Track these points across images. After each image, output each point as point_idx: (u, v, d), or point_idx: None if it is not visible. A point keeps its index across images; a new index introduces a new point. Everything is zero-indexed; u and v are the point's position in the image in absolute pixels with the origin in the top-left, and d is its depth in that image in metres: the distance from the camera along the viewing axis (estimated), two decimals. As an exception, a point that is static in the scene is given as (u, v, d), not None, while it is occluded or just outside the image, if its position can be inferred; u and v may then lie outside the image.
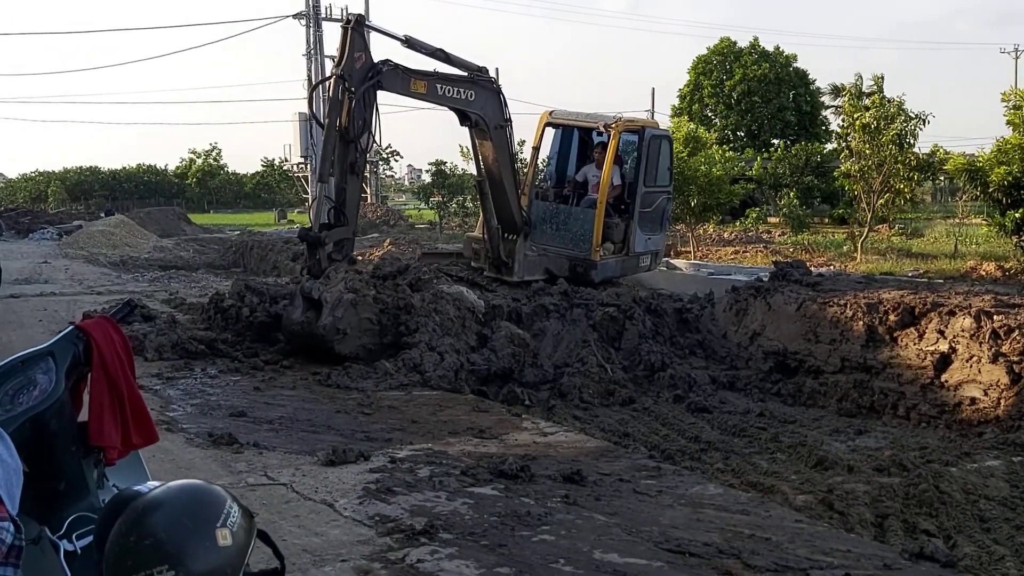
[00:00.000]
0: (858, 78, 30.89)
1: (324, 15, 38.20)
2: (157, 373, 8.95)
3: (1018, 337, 8.64)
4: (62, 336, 2.68)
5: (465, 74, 11.67)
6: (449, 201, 39.47)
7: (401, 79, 11.05)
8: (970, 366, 8.87)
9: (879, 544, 5.19)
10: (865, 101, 22.68)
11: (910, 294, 10.20)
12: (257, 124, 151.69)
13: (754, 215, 30.03)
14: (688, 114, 47.01)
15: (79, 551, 2.42)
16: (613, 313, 11.14)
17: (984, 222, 20.50)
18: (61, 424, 2.57)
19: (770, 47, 49.98)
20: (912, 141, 19.45)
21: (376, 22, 11.47)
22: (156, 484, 1.84)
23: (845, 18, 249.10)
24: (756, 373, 10.45)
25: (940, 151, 21.92)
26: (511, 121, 12.13)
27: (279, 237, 25.63)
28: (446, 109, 11.96)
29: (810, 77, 49.57)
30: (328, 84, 10.98)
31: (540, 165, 15.19)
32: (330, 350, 9.51)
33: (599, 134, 13.34)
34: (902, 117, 19.24)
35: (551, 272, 12.60)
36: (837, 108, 42.11)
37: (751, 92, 48.25)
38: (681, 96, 51.72)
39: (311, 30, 38.04)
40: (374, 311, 9.82)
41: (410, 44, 11.14)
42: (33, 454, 2.44)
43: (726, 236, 28.44)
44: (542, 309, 11.05)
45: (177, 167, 75.27)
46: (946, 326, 9.24)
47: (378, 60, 10.92)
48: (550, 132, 13.96)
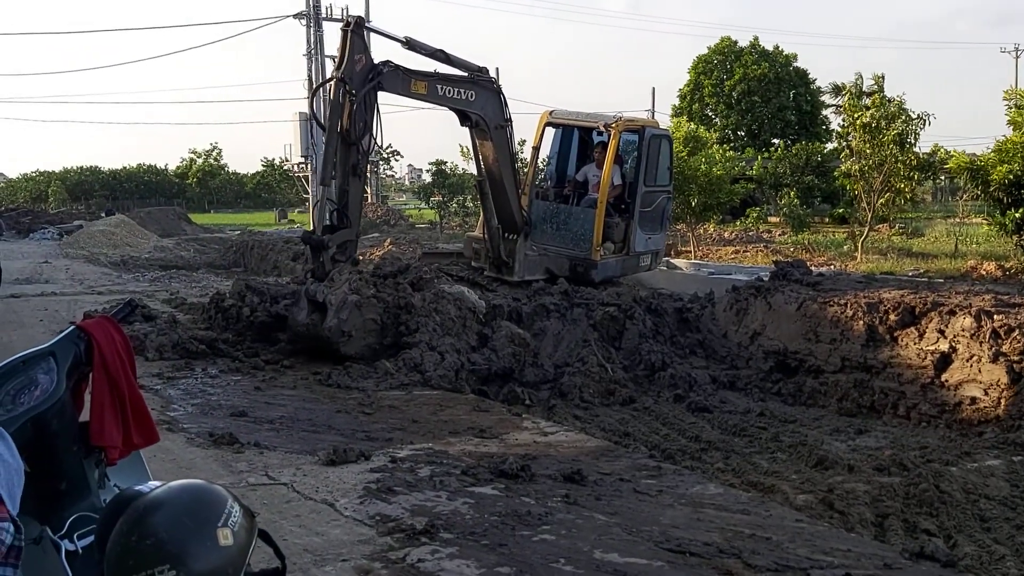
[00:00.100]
0: (858, 77, 30.87)
1: (324, 15, 38.09)
2: (158, 373, 8.96)
3: (1018, 336, 8.64)
4: (63, 336, 2.69)
5: (465, 74, 11.68)
6: (449, 201, 39.51)
7: (402, 80, 11.05)
8: (970, 366, 8.86)
9: (879, 544, 5.19)
10: (866, 101, 22.65)
11: (910, 294, 10.20)
12: (257, 124, 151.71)
13: (754, 215, 30.02)
14: (688, 114, 47.05)
15: (80, 551, 2.42)
16: (613, 313, 11.14)
17: (985, 221, 20.48)
18: (62, 424, 2.58)
19: (770, 47, 50.08)
20: (913, 141, 19.46)
21: (376, 23, 11.52)
22: (157, 484, 1.85)
23: (845, 17, 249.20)
24: (756, 373, 10.45)
25: (941, 151, 21.92)
26: (511, 121, 12.14)
27: (280, 237, 25.64)
28: (446, 109, 11.97)
29: (810, 76, 49.65)
30: (329, 87, 10.97)
31: (540, 165, 15.20)
32: (336, 352, 9.54)
33: (599, 134, 13.35)
34: (903, 117, 19.24)
35: (551, 272, 12.61)
36: (838, 107, 42.08)
37: (751, 92, 48.25)
38: (681, 96, 51.75)
39: (311, 30, 37.94)
40: (378, 311, 9.84)
41: (410, 45, 11.14)
42: (34, 454, 2.44)
43: (726, 236, 28.45)
44: (542, 309, 11.06)
45: (177, 167, 75.33)
46: (946, 326, 9.23)
47: (378, 61, 10.93)
48: (550, 132, 13.97)
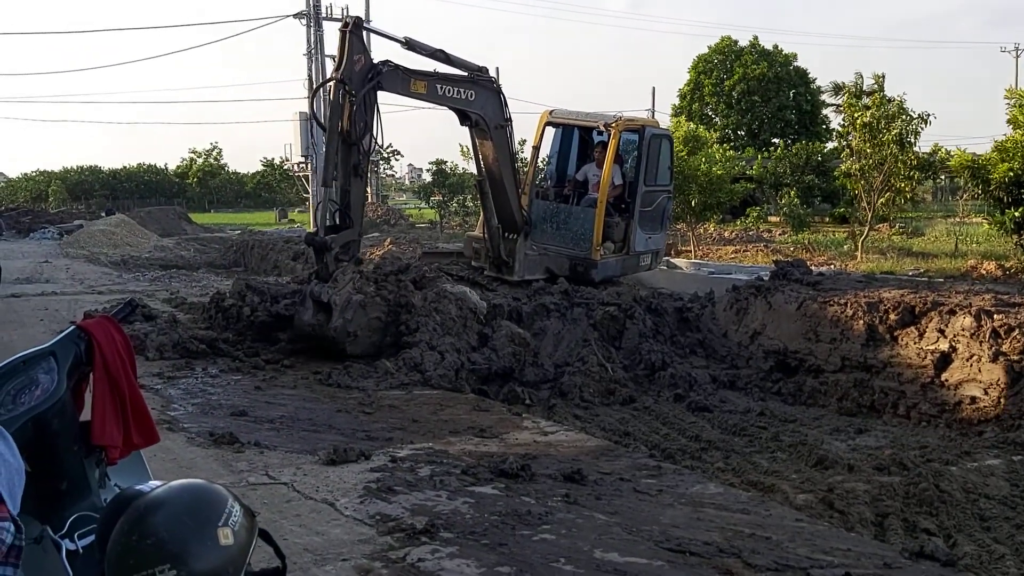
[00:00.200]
0: (858, 77, 30.82)
1: (325, 14, 38.10)
2: (158, 372, 8.96)
3: (1018, 336, 8.64)
4: (64, 336, 2.69)
5: (465, 74, 11.68)
6: (449, 200, 39.50)
7: (401, 79, 11.04)
8: (970, 365, 8.86)
9: (879, 543, 5.19)
10: (865, 100, 22.63)
11: (910, 293, 10.20)
12: (257, 124, 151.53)
13: (754, 214, 30.02)
14: (688, 113, 47.05)
15: (81, 550, 2.42)
16: (614, 312, 11.14)
17: (985, 221, 20.48)
18: (63, 424, 2.58)
19: (771, 46, 50.05)
20: (913, 140, 19.46)
21: (376, 23, 11.51)
22: (158, 483, 1.85)
23: (846, 17, 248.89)
24: (756, 372, 10.45)
25: (941, 150, 21.92)
26: (511, 121, 12.13)
27: (280, 236, 25.63)
28: (446, 109, 11.97)
29: (810, 76, 49.62)
30: (328, 88, 10.96)
31: (540, 164, 15.20)
32: (342, 351, 9.63)
33: (599, 133, 13.35)
34: (903, 117, 19.24)
35: (551, 271, 12.61)
36: (838, 107, 42.08)
37: (751, 91, 48.23)
38: (681, 95, 51.74)
39: (311, 29, 37.93)
40: (383, 310, 9.91)
41: (410, 45, 11.13)
42: (35, 454, 2.45)
43: (726, 235, 28.44)
44: (543, 308, 11.06)
45: (178, 167, 75.28)
46: (946, 325, 9.23)
47: (378, 61, 10.92)
48: (550, 131, 13.97)
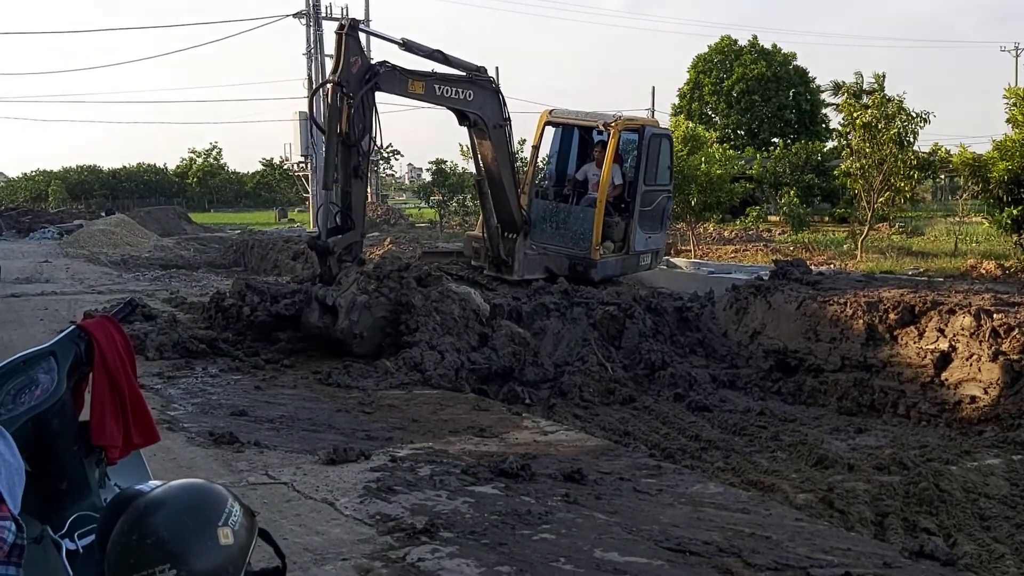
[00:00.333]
0: (859, 76, 30.86)
1: (324, 14, 38.15)
2: (158, 372, 8.96)
3: (1018, 335, 8.64)
4: (64, 336, 2.69)
5: (463, 74, 11.66)
6: (449, 200, 39.47)
7: (399, 80, 11.03)
8: (970, 364, 8.87)
9: (879, 542, 5.19)
10: (865, 100, 22.65)
11: (910, 292, 10.21)
12: (257, 124, 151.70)
13: (754, 214, 30.03)
14: (688, 113, 47.04)
15: (81, 550, 2.42)
16: (613, 312, 11.14)
17: (985, 220, 20.49)
18: (63, 423, 2.58)
19: (771, 46, 50.03)
20: (912, 140, 19.46)
21: (376, 22, 11.51)
22: (158, 483, 1.85)
23: (845, 16, 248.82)
24: (756, 372, 10.45)
25: (941, 150, 21.93)
26: (510, 120, 12.12)
27: (280, 236, 25.63)
28: (445, 108, 11.96)
29: (810, 75, 49.61)
30: (326, 91, 10.93)
31: (540, 164, 15.19)
32: (350, 352, 9.73)
33: (599, 133, 13.34)
34: (903, 116, 19.24)
35: (551, 271, 12.61)
36: (838, 106, 42.11)
37: (751, 91, 48.22)
38: (681, 95, 51.73)
39: (311, 29, 37.97)
40: (388, 310, 9.99)
41: (407, 46, 11.12)
42: (35, 453, 2.45)
43: (726, 235, 28.43)
44: (542, 308, 11.06)
45: (177, 166, 75.31)
46: (946, 324, 9.24)
47: (375, 62, 10.91)
48: (550, 131, 13.96)
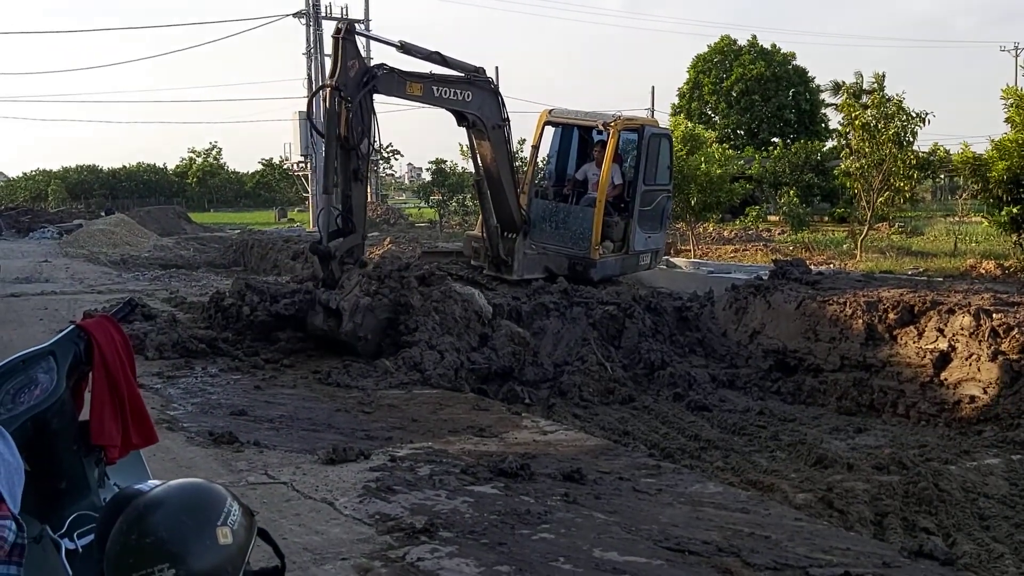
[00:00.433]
0: (858, 76, 30.89)
1: (324, 14, 38.17)
2: (158, 372, 8.96)
3: (1017, 335, 8.65)
4: (63, 335, 2.69)
5: (461, 75, 11.64)
6: (449, 200, 39.46)
7: (397, 82, 11.01)
8: (969, 364, 8.87)
9: (878, 542, 5.19)
10: (864, 99, 22.65)
11: (910, 292, 10.21)
12: (257, 124, 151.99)
13: (754, 213, 30.00)
14: (687, 112, 47.02)
15: (80, 549, 2.43)
16: (613, 311, 11.14)
17: (984, 220, 20.48)
18: (62, 423, 2.59)
19: (770, 45, 50.01)
20: (911, 139, 19.44)
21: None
22: (157, 483, 1.85)
23: (845, 16, 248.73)
24: (756, 371, 10.46)
25: (940, 149, 21.91)
26: (509, 120, 12.11)
27: (279, 236, 25.61)
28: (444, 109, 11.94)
29: (810, 75, 49.60)
30: (324, 95, 10.91)
31: (540, 164, 15.19)
32: (355, 352, 9.80)
33: (599, 132, 13.34)
34: (902, 116, 19.23)
35: (551, 270, 12.61)
36: (837, 106, 42.12)
37: (750, 91, 48.21)
38: (681, 94, 51.72)
39: (311, 29, 37.99)
40: (390, 311, 10.05)
41: (405, 49, 11.11)
42: (35, 453, 2.45)
43: (726, 234, 28.42)
44: (542, 307, 11.06)
45: (177, 166, 75.35)
46: (945, 324, 9.24)
47: (373, 64, 10.91)
48: (550, 131, 13.96)
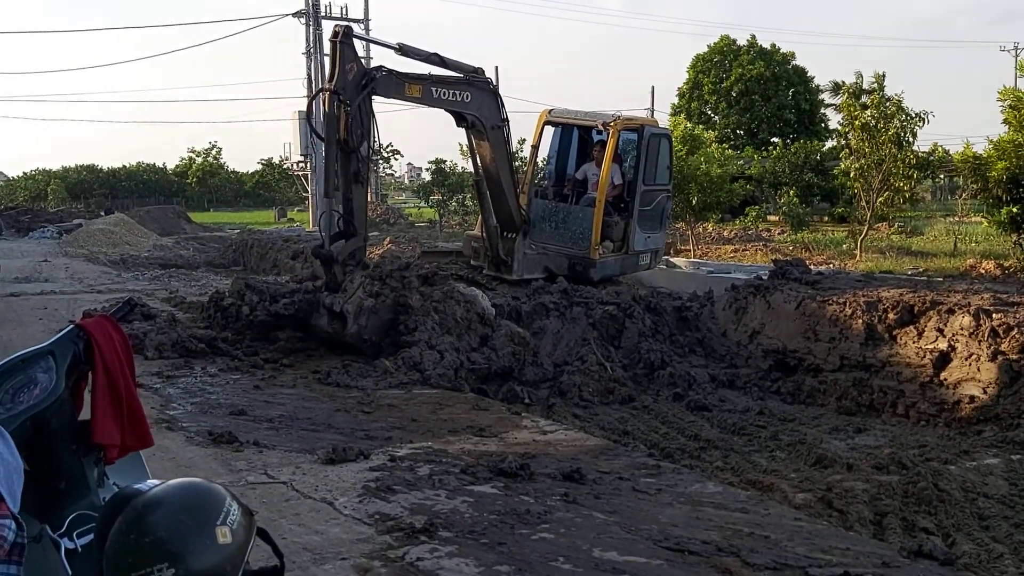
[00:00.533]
0: (859, 76, 30.80)
1: (324, 13, 38.17)
2: (157, 371, 8.96)
3: (1017, 335, 8.65)
4: (62, 335, 2.69)
5: (460, 76, 11.63)
6: (449, 199, 39.46)
7: (395, 84, 11.00)
8: (969, 364, 8.87)
9: (878, 542, 5.19)
10: (864, 99, 22.62)
11: (909, 292, 10.21)
12: (257, 123, 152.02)
13: (754, 213, 30.01)
14: (687, 112, 47.03)
15: (80, 549, 2.43)
16: (613, 311, 11.14)
17: (984, 220, 20.48)
18: (61, 423, 2.59)
19: (770, 45, 50.01)
20: (911, 140, 19.44)
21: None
22: (156, 482, 1.85)
23: (845, 16, 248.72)
24: (755, 371, 10.46)
25: (940, 149, 21.91)
26: (508, 121, 12.07)
27: (279, 235, 25.60)
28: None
29: (809, 75, 49.61)
30: (323, 99, 10.87)
31: (540, 164, 15.19)
32: (361, 353, 9.83)
33: (598, 132, 13.34)
34: (901, 116, 19.23)
35: (550, 270, 12.60)
36: (837, 106, 42.13)
37: (750, 91, 48.22)
38: (680, 94, 51.73)
39: (311, 28, 37.98)
40: (393, 311, 10.08)
41: (404, 51, 11.09)
42: (34, 453, 2.45)
43: (726, 234, 28.42)
44: (542, 307, 11.06)
45: (177, 166, 75.35)
46: (945, 324, 9.25)
47: (372, 67, 10.90)
48: (549, 131, 13.96)
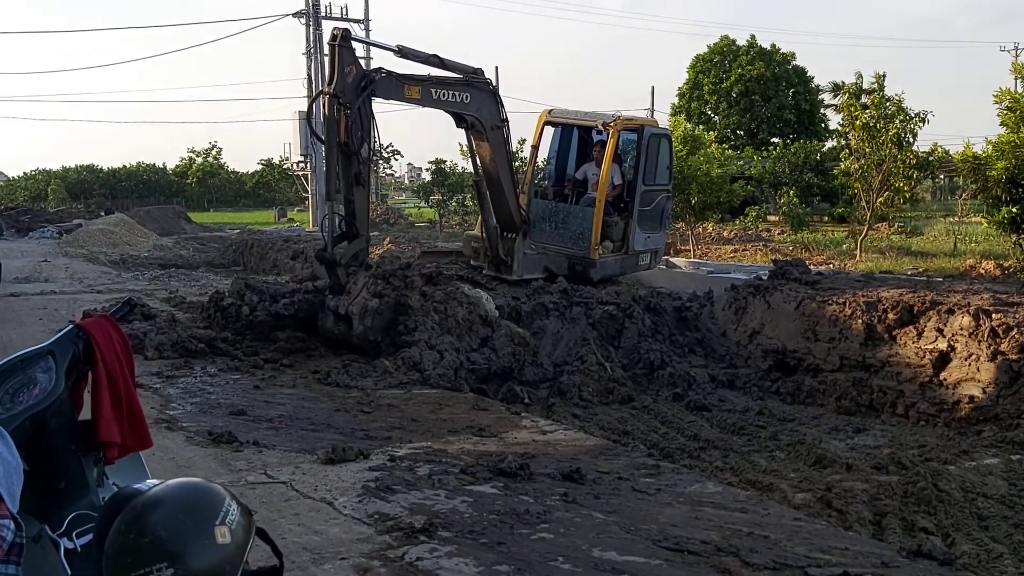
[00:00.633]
0: (858, 77, 30.86)
1: (324, 14, 38.17)
2: (157, 371, 8.96)
3: (1016, 335, 8.65)
4: (62, 335, 2.69)
5: (460, 77, 11.63)
6: (449, 199, 39.47)
7: (395, 86, 10.99)
8: (969, 364, 8.87)
9: (877, 542, 5.19)
10: (864, 99, 22.65)
11: (909, 292, 10.21)
12: (257, 123, 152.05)
13: (754, 213, 30.03)
14: (687, 113, 47.05)
15: (79, 549, 2.43)
16: (612, 311, 11.14)
17: (984, 220, 20.49)
18: (61, 423, 2.59)
19: (769, 45, 50.02)
20: (911, 140, 19.46)
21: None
22: (155, 482, 1.86)
23: (845, 16, 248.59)
24: (755, 371, 10.46)
25: (940, 150, 21.91)
26: (507, 121, 12.06)
27: (279, 236, 25.60)
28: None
29: (809, 75, 49.62)
30: (322, 102, 10.87)
31: (540, 164, 15.19)
32: (366, 354, 9.84)
33: (598, 132, 13.34)
34: (901, 116, 19.24)
35: (550, 270, 12.60)
36: (837, 106, 42.11)
37: (749, 91, 48.22)
38: (680, 95, 51.74)
39: (311, 28, 37.98)
40: (395, 311, 10.09)
41: (403, 53, 11.09)
42: (33, 452, 2.45)
43: (726, 234, 28.44)
44: (541, 307, 11.06)
45: (177, 166, 75.35)
46: (945, 324, 9.24)
47: (371, 69, 10.90)
48: (549, 131, 13.96)
